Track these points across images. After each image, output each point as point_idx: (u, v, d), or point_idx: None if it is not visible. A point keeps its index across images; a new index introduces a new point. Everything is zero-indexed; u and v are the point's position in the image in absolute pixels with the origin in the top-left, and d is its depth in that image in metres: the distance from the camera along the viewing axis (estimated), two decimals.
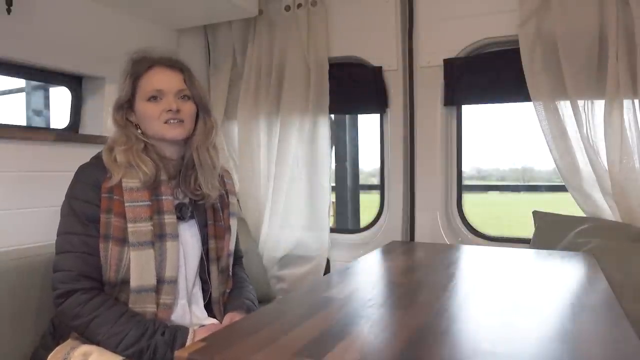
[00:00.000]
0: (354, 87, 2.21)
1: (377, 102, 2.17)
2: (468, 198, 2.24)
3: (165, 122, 1.29)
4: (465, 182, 2.30)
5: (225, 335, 0.89)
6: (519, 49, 1.85)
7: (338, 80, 2.19)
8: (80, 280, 1.20)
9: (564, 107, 1.81)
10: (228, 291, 1.44)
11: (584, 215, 1.85)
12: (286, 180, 2.22)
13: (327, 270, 2.22)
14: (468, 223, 2.14)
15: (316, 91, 2.17)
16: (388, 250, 1.78)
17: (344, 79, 2.21)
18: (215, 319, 1.37)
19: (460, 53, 2.04)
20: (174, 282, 1.27)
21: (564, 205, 1.94)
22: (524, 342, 0.85)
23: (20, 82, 2.06)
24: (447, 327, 0.92)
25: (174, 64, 1.34)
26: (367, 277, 1.41)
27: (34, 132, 1.77)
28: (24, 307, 1.38)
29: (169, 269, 1.26)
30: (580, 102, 1.79)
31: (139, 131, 1.32)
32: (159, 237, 1.26)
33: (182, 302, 1.31)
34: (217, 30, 2.41)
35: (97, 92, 1.93)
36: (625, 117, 1.71)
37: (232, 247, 1.45)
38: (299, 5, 2.18)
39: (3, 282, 1.33)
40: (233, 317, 1.34)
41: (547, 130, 1.83)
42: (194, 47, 2.39)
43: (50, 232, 1.28)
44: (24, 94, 2.12)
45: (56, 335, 1.29)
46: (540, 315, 1.01)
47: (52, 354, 1.23)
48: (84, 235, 1.22)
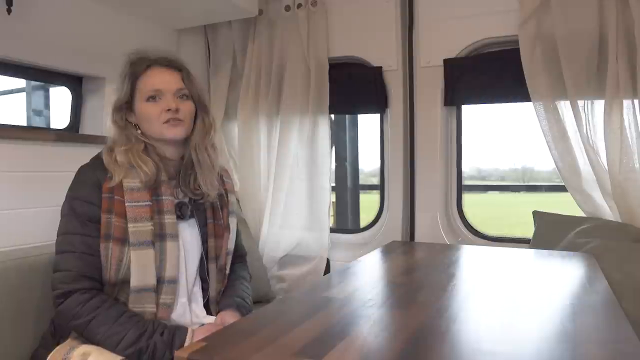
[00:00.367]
0: (354, 87, 2.21)
1: (377, 102, 2.17)
2: (468, 198, 2.24)
3: (164, 122, 1.29)
4: (465, 182, 2.30)
5: (225, 335, 0.89)
6: (519, 49, 1.85)
7: (338, 80, 2.19)
8: (80, 280, 1.20)
9: (564, 107, 1.81)
10: (223, 289, 1.44)
11: (584, 215, 1.85)
12: (286, 180, 2.22)
13: (327, 270, 2.22)
14: (468, 223, 2.14)
15: (316, 91, 2.17)
16: (388, 250, 1.78)
17: (344, 79, 2.21)
18: (214, 318, 1.37)
19: (460, 53, 2.05)
20: (174, 281, 1.28)
21: (564, 205, 1.94)
22: (524, 342, 0.85)
23: (21, 82, 2.06)
24: (447, 327, 0.92)
25: (172, 63, 1.34)
26: (367, 277, 1.41)
27: (34, 132, 1.77)
28: (24, 307, 1.38)
29: (169, 269, 1.27)
30: (580, 102, 1.79)
31: (138, 132, 1.32)
32: (160, 237, 1.27)
33: (182, 300, 1.31)
34: (217, 30, 2.41)
35: (97, 92, 1.94)
36: (625, 117, 1.71)
37: (230, 245, 1.45)
38: (299, 5, 2.18)
39: (3, 282, 1.33)
40: (223, 317, 1.34)
41: (547, 131, 1.83)
42: (194, 47, 2.39)
43: (50, 232, 1.28)
44: (24, 94, 2.12)
45: (56, 335, 1.29)
46: (540, 315, 1.01)
47: (51, 354, 1.23)
48: (84, 236, 1.22)
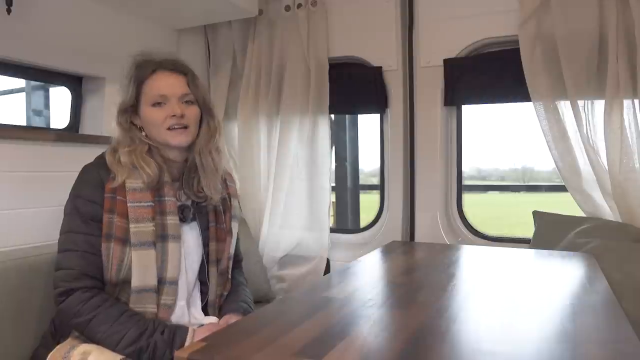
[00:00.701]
0: (354, 87, 2.21)
1: (377, 102, 2.17)
2: (468, 198, 2.24)
3: (169, 129, 1.28)
4: (465, 182, 2.30)
5: (225, 335, 0.89)
6: (519, 49, 1.85)
7: (338, 80, 2.19)
8: (82, 279, 1.21)
9: (564, 107, 1.81)
10: (225, 294, 1.44)
11: (584, 215, 1.85)
12: (286, 180, 2.22)
13: (327, 270, 2.22)
14: (468, 223, 2.14)
15: (316, 91, 2.17)
16: (388, 250, 1.78)
17: (344, 79, 2.21)
18: (214, 318, 1.37)
19: (460, 53, 2.05)
20: (175, 283, 1.28)
21: (564, 205, 1.94)
22: (524, 342, 0.85)
23: (20, 82, 2.06)
24: (447, 327, 0.92)
25: (177, 67, 1.34)
26: (367, 277, 1.41)
27: (34, 132, 1.77)
28: (25, 307, 1.38)
29: (170, 270, 1.27)
30: (580, 102, 1.79)
31: (143, 134, 1.32)
32: (161, 237, 1.27)
33: (181, 303, 1.31)
34: (217, 30, 2.40)
35: (97, 92, 1.93)
36: (625, 117, 1.71)
37: (232, 250, 1.45)
38: (299, 5, 2.18)
39: (3, 282, 1.33)
40: (229, 319, 1.34)
41: (547, 131, 1.83)
42: (194, 47, 2.39)
43: (51, 232, 1.28)
44: (24, 94, 2.12)
45: (57, 334, 1.29)
46: (540, 315, 1.01)
47: (51, 353, 1.23)
48: (87, 235, 1.22)
